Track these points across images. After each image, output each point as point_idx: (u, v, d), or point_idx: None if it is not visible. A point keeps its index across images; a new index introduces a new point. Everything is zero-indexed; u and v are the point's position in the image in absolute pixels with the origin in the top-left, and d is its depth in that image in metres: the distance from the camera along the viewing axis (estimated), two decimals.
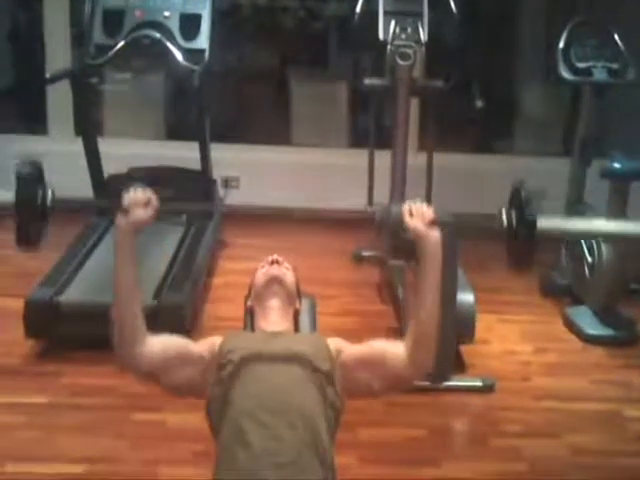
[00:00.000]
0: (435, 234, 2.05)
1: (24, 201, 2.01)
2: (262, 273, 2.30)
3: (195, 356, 2.07)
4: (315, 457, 1.89)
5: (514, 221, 1.95)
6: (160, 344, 2.05)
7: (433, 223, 2.05)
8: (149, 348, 2.03)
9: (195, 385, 2.05)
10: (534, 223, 1.91)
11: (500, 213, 1.97)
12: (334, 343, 2.11)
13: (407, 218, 2.07)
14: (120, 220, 2.03)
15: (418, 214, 2.06)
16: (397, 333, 3.84)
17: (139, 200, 2.04)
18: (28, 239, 2.07)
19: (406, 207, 2.08)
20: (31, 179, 2.05)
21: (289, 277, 2.31)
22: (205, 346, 2.09)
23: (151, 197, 2.06)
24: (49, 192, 2.07)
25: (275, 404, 1.93)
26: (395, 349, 2.06)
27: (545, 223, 1.95)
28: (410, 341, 2.05)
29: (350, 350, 2.10)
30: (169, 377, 2.05)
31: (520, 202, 1.96)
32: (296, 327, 2.30)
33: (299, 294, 2.35)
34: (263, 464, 1.84)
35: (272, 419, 1.90)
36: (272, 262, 2.33)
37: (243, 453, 1.87)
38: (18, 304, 3.60)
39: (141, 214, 2.04)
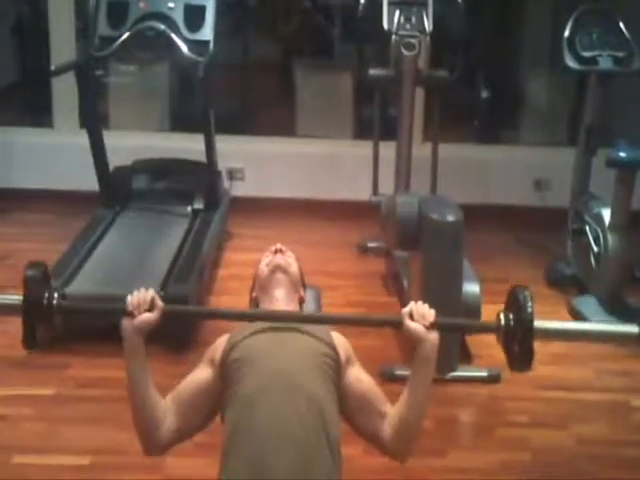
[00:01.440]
0: (434, 337, 2.01)
1: (32, 303, 2.02)
2: (266, 263, 2.31)
3: (203, 387, 2.08)
4: (324, 443, 1.90)
5: (511, 323, 1.99)
6: (174, 413, 2.07)
7: (433, 325, 2.02)
8: (169, 425, 2.06)
9: (216, 406, 2.07)
10: (531, 325, 1.95)
11: (498, 317, 2.01)
12: (342, 343, 2.13)
13: (407, 321, 2.02)
14: (126, 324, 2.00)
15: (418, 316, 2.02)
16: None
17: (143, 302, 2.00)
18: (34, 341, 2.09)
19: (407, 310, 2.04)
20: (38, 281, 2.05)
21: (293, 266, 2.32)
22: (207, 364, 2.11)
23: (155, 297, 2.01)
24: (55, 294, 2.05)
25: (281, 384, 1.94)
26: (386, 421, 2.06)
27: (542, 324, 1.98)
28: (394, 430, 2.04)
29: (355, 372, 2.11)
30: (195, 425, 2.09)
31: (518, 305, 1.99)
32: None
33: (303, 282, 2.36)
34: (271, 448, 1.85)
35: (280, 403, 1.91)
36: (275, 251, 2.34)
37: (251, 438, 1.87)
38: None
39: (146, 316, 1.99)
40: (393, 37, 4.41)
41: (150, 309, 1.99)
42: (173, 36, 4.12)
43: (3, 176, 5.28)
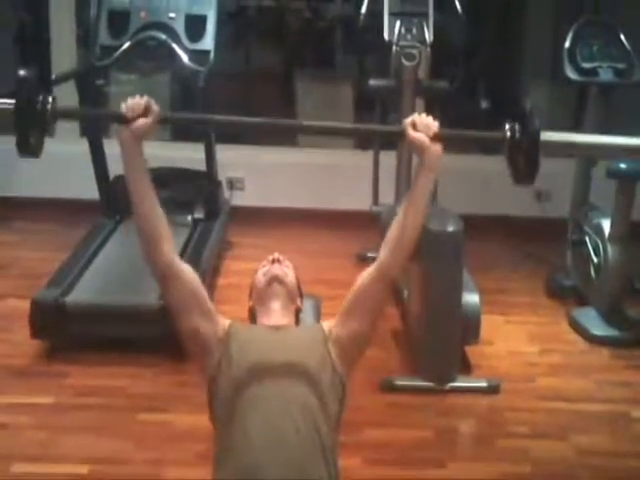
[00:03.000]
0: (437, 147, 2.03)
1: (24, 107, 1.99)
2: (263, 273, 2.31)
3: (214, 315, 2.11)
4: (319, 452, 1.90)
5: (517, 134, 1.96)
6: (192, 272, 2.12)
7: (437, 136, 2.02)
8: (181, 267, 2.10)
9: (206, 341, 2.07)
10: (538, 135, 1.92)
11: (504, 126, 1.98)
12: (326, 324, 2.17)
13: (410, 131, 2.02)
14: (122, 132, 2.00)
15: (422, 126, 2.02)
16: (401, 335, 3.84)
17: (138, 106, 2.00)
18: (28, 146, 2.05)
19: (409, 120, 2.04)
20: (31, 84, 2.02)
21: (290, 276, 2.32)
22: (220, 319, 2.14)
23: (150, 102, 2.01)
24: (49, 98, 2.03)
25: (276, 396, 1.94)
26: (363, 275, 2.10)
27: (548, 136, 1.95)
28: (390, 241, 2.06)
29: (336, 319, 2.15)
30: (193, 315, 2.07)
31: (524, 115, 1.96)
32: (297, 325, 2.31)
33: (300, 292, 2.36)
34: (265, 458, 1.84)
35: (275, 412, 1.91)
36: (273, 261, 2.33)
37: (245, 447, 1.87)
38: (25, 305, 3.60)
39: (142, 121, 1.99)
40: (394, 48, 4.42)
41: (145, 114, 1.99)
42: (174, 46, 4.13)
43: (4, 184, 5.29)
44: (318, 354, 2.06)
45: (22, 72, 2.01)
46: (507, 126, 1.99)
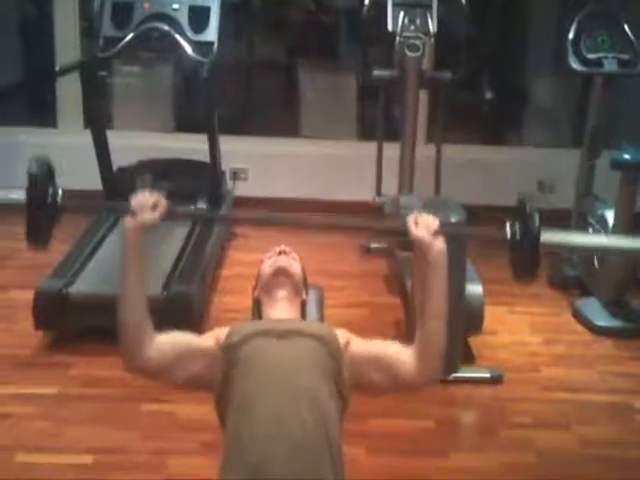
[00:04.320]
0: (440, 243, 2.03)
1: (35, 200, 2.03)
2: (269, 264, 2.29)
3: (202, 351, 2.06)
4: (326, 446, 1.89)
5: (518, 235, 1.98)
6: (166, 343, 2.05)
7: (438, 233, 2.03)
8: (155, 347, 2.02)
9: (204, 379, 2.05)
10: (538, 236, 1.93)
11: (505, 226, 1.99)
12: (342, 333, 2.11)
13: (412, 228, 2.03)
14: (128, 222, 2.02)
15: (423, 224, 2.03)
16: (405, 325, 3.85)
17: (147, 202, 2.02)
18: (38, 238, 2.09)
19: (411, 217, 2.05)
20: (42, 178, 2.06)
21: (296, 268, 2.30)
22: (212, 338, 2.08)
23: (159, 199, 2.04)
24: (59, 191, 2.07)
25: (282, 387, 1.93)
26: (404, 355, 2.04)
27: (549, 237, 1.97)
28: (418, 349, 2.03)
29: (358, 344, 2.08)
30: (177, 374, 2.05)
31: (524, 215, 1.98)
32: (303, 317, 2.30)
33: (306, 284, 2.35)
34: (272, 453, 1.85)
35: (282, 407, 1.90)
36: (279, 252, 2.32)
37: (252, 442, 1.87)
38: (28, 296, 3.61)
39: (149, 216, 2.02)
40: (397, 38, 4.41)
41: (153, 209, 2.02)
42: (177, 37, 4.13)
43: (7, 175, 5.28)
44: (327, 348, 2.04)
45: (33, 169, 2.10)
46: (508, 226, 2.00)
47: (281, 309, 2.21)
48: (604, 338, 3.96)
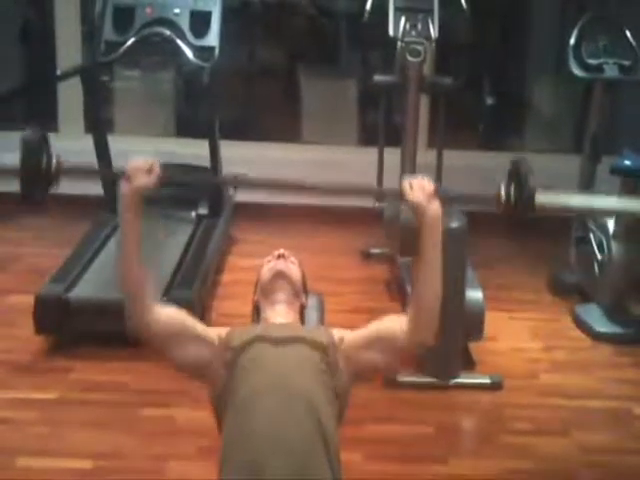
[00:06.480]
0: (435, 206, 2.06)
1: (29, 167, 2.06)
2: (268, 268, 2.31)
3: (205, 336, 2.09)
4: (322, 449, 1.90)
5: (513, 196, 1.98)
6: (170, 317, 2.08)
7: (433, 196, 2.05)
8: (157, 317, 2.05)
9: (203, 364, 2.06)
10: (533, 197, 1.94)
11: (499, 188, 2.00)
12: (336, 332, 2.13)
13: (408, 192, 2.06)
14: (124, 187, 2.06)
15: (418, 187, 2.06)
16: None
17: (141, 167, 2.07)
18: (32, 199, 2.12)
19: (406, 182, 2.08)
20: (36, 146, 2.09)
21: (295, 272, 2.32)
22: (215, 332, 2.11)
23: (153, 164, 2.09)
24: (54, 159, 2.15)
25: (279, 390, 1.94)
26: (398, 324, 2.09)
27: (543, 198, 1.97)
28: (412, 315, 2.08)
29: (352, 335, 2.12)
30: (178, 353, 2.07)
31: (519, 177, 1.98)
32: (302, 321, 2.31)
33: (305, 288, 2.36)
34: (268, 455, 1.85)
35: (278, 409, 1.91)
36: (278, 256, 2.33)
37: (248, 444, 1.87)
38: (29, 300, 3.62)
39: (144, 180, 2.06)
40: (398, 44, 4.41)
41: (148, 174, 2.07)
42: (179, 42, 4.13)
43: (8, 180, 5.29)
44: (323, 355, 2.05)
45: (27, 134, 2.16)
46: (502, 187, 2.01)
47: (280, 312, 2.23)
48: (604, 344, 3.96)
